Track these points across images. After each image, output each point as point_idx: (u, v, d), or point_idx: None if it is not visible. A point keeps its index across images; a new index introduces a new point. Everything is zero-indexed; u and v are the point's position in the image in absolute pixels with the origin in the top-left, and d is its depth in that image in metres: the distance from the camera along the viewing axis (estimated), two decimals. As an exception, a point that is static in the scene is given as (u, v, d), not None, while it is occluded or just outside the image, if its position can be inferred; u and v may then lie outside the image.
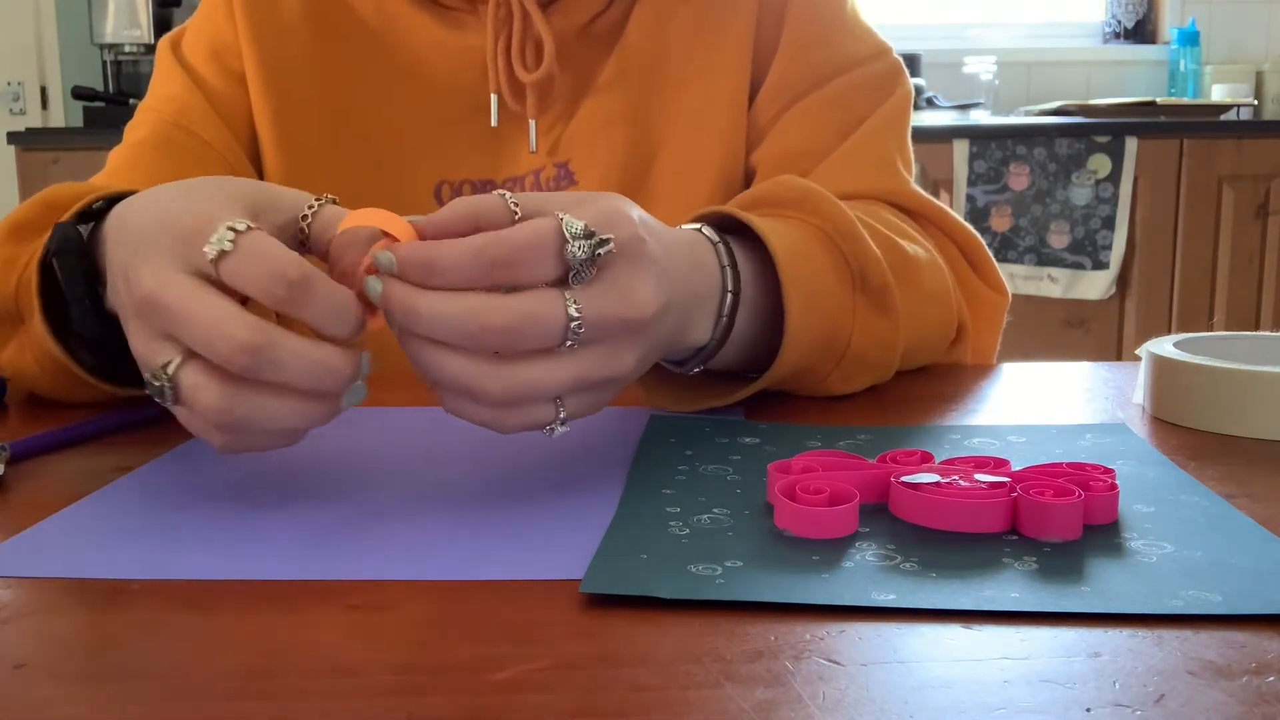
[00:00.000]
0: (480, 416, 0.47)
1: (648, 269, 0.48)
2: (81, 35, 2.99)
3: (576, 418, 0.48)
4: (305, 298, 0.44)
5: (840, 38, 0.82)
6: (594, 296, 0.46)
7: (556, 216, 0.46)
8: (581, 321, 0.45)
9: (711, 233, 0.59)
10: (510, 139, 0.83)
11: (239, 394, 0.44)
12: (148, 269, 0.45)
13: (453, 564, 0.41)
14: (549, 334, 0.45)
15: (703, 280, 0.56)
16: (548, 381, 0.46)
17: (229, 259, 0.44)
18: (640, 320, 0.48)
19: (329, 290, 0.45)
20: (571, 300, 0.45)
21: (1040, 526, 0.42)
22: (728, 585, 0.38)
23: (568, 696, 0.31)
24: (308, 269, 0.44)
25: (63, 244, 0.58)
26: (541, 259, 0.45)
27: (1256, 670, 0.32)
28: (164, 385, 0.45)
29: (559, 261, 0.45)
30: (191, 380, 0.44)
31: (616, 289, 0.47)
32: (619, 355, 0.48)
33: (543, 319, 0.45)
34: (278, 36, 0.83)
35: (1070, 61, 3.22)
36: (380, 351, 0.83)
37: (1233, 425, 0.57)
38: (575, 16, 0.81)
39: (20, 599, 0.39)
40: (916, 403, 0.65)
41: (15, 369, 0.64)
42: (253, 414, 0.45)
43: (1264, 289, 2.71)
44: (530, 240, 0.45)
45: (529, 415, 0.47)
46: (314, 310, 0.44)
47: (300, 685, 0.32)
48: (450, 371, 0.45)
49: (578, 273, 0.46)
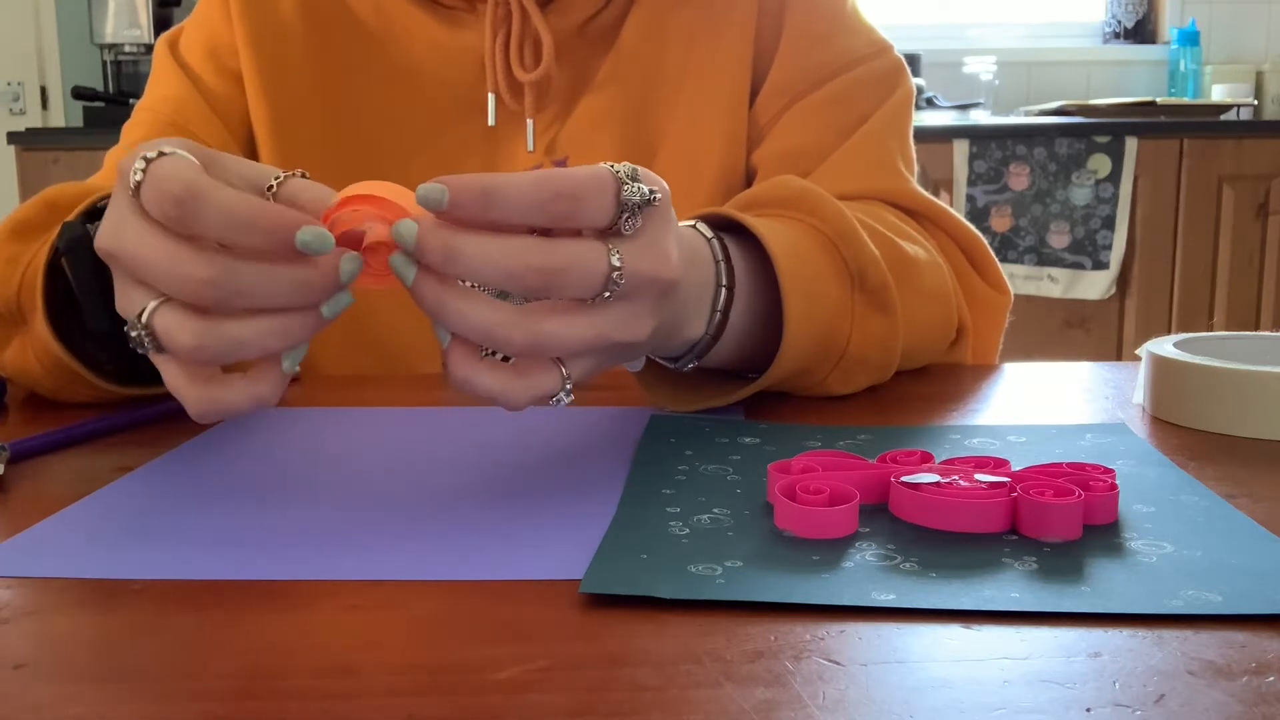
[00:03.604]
0: (490, 386, 0.45)
1: (674, 227, 0.49)
2: (81, 35, 2.99)
3: (580, 384, 0.47)
4: (198, 212, 0.42)
5: (841, 36, 0.82)
6: (634, 250, 0.46)
7: (604, 164, 0.45)
8: (622, 272, 0.45)
9: (706, 229, 0.59)
10: (507, 138, 0.83)
11: (212, 329, 0.43)
12: (106, 224, 0.45)
13: (453, 564, 0.41)
14: (591, 282, 0.44)
15: (698, 272, 0.56)
16: (570, 336, 0.45)
17: (142, 189, 0.43)
18: (671, 281, 0.47)
19: (224, 200, 0.42)
20: (614, 250, 0.45)
21: (1040, 526, 0.42)
22: (728, 585, 0.38)
23: (568, 696, 0.31)
24: (195, 182, 0.42)
25: (71, 243, 0.58)
26: (601, 196, 0.44)
27: (1256, 670, 0.32)
28: (141, 334, 0.44)
29: (615, 203, 0.45)
30: (164, 323, 0.43)
31: (654, 245, 0.47)
32: (642, 317, 0.47)
33: (587, 265, 0.44)
34: (275, 36, 0.83)
35: (1070, 61, 3.22)
36: (381, 352, 0.84)
37: (1232, 425, 0.57)
38: (573, 15, 0.81)
39: (20, 599, 0.39)
40: (916, 403, 0.65)
41: (17, 368, 0.64)
42: (229, 349, 0.43)
43: (1264, 289, 2.71)
44: (591, 177, 0.44)
45: (538, 385, 0.46)
46: (211, 224, 0.42)
47: (300, 685, 0.32)
48: (474, 320, 0.44)
49: (631, 217, 0.45)
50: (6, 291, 0.62)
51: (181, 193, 0.42)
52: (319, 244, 0.42)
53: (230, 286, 0.42)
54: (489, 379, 0.45)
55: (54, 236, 0.61)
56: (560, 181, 0.44)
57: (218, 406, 0.45)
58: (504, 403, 0.46)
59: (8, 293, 0.62)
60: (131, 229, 0.43)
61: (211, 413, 0.45)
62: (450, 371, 0.46)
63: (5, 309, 0.63)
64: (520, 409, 0.46)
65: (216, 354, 0.43)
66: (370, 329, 0.82)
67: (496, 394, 0.45)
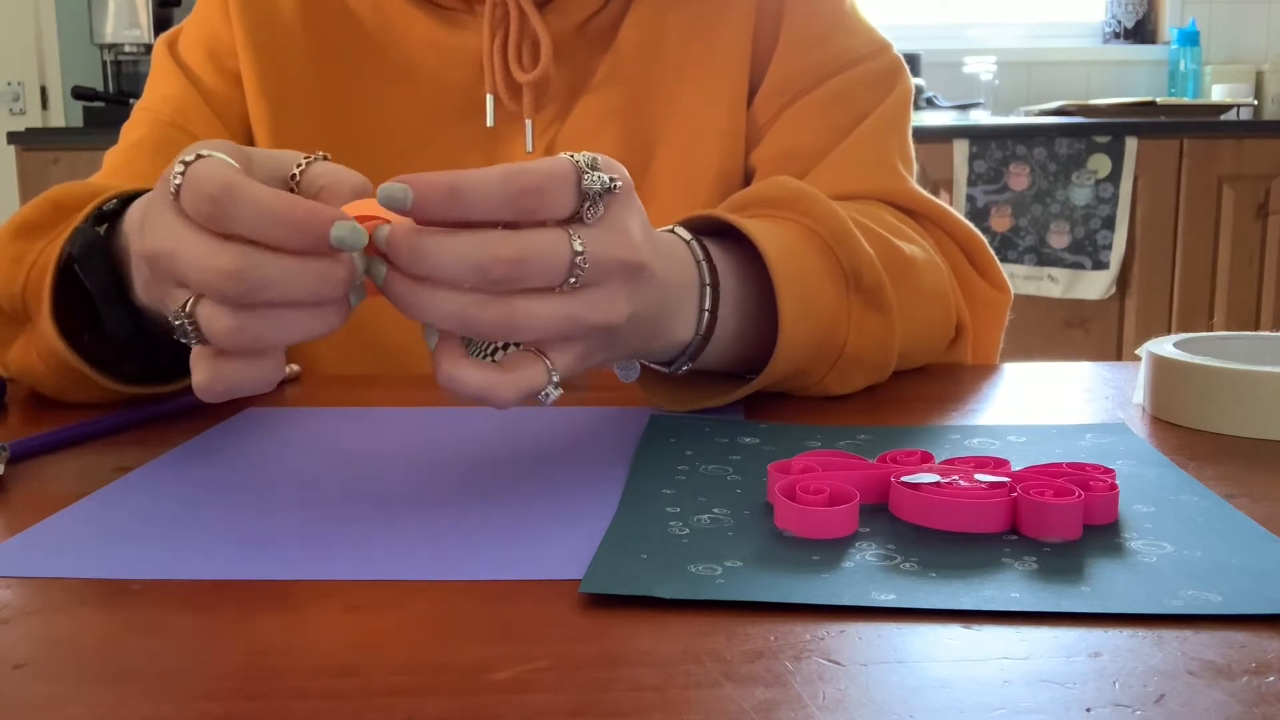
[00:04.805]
0: (477, 383, 0.46)
1: (639, 214, 0.50)
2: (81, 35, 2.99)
3: (567, 376, 0.48)
4: (232, 209, 0.42)
5: (839, 35, 0.82)
6: (596, 235, 0.47)
7: (564, 154, 0.47)
8: (585, 256, 0.46)
9: (684, 232, 0.59)
10: (506, 138, 0.83)
11: (246, 316, 0.44)
12: (147, 228, 0.46)
13: (453, 564, 0.41)
14: (555, 269, 0.45)
15: (679, 271, 0.56)
16: (542, 314, 0.46)
17: (182, 191, 0.44)
18: (637, 262, 0.49)
19: (259, 197, 0.43)
20: (576, 237, 0.46)
21: (1040, 526, 0.42)
22: (728, 585, 0.38)
23: (568, 696, 0.31)
24: (230, 180, 0.43)
25: (85, 248, 0.58)
26: (563, 188, 0.46)
27: (1256, 670, 0.32)
28: (184, 324, 0.44)
29: (577, 193, 0.46)
30: (205, 312, 0.44)
31: (616, 230, 0.48)
32: (614, 299, 0.48)
33: (550, 253, 0.45)
34: (274, 36, 0.83)
35: (1070, 61, 3.22)
36: (381, 352, 0.84)
37: (1233, 425, 0.57)
38: (571, 16, 0.81)
39: (20, 599, 0.39)
40: (916, 403, 0.65)
41: (21, 368, 0.64)
42: (264, 330, 0.44)
43: (1264, 289, 2.71)
44: (552, 170, 0.46)
45: (523, 379, 0.47)
46: (246, 222, 0.43)
47: (300, 685, 0.32)
48: (445, 306, 0.45)
49: (592, 205, 0.47)
50: (11, 291, 0.62)
51: (217, 190, 0.43)
52: (354, 239, 0.43)
53: (254, 279, 0.43)
54: (475, 376, 0.46)
55: (61, 237, 0.61)
56: (524, 177, 0.45)
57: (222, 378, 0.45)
58: (492, 400, 0.46)
59: (12, 292, 0.62)
60: (170, 230, 0.44)
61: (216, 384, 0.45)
62: (438, 371, 0.46)
63: (10, 308, 0.63)
64: (508, 406, 0.47)
65: (252, 340, 0.44)
66: (370, 329, 0.82)
67: (483, 390, 0.46)
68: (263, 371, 0.46)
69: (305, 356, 0.85)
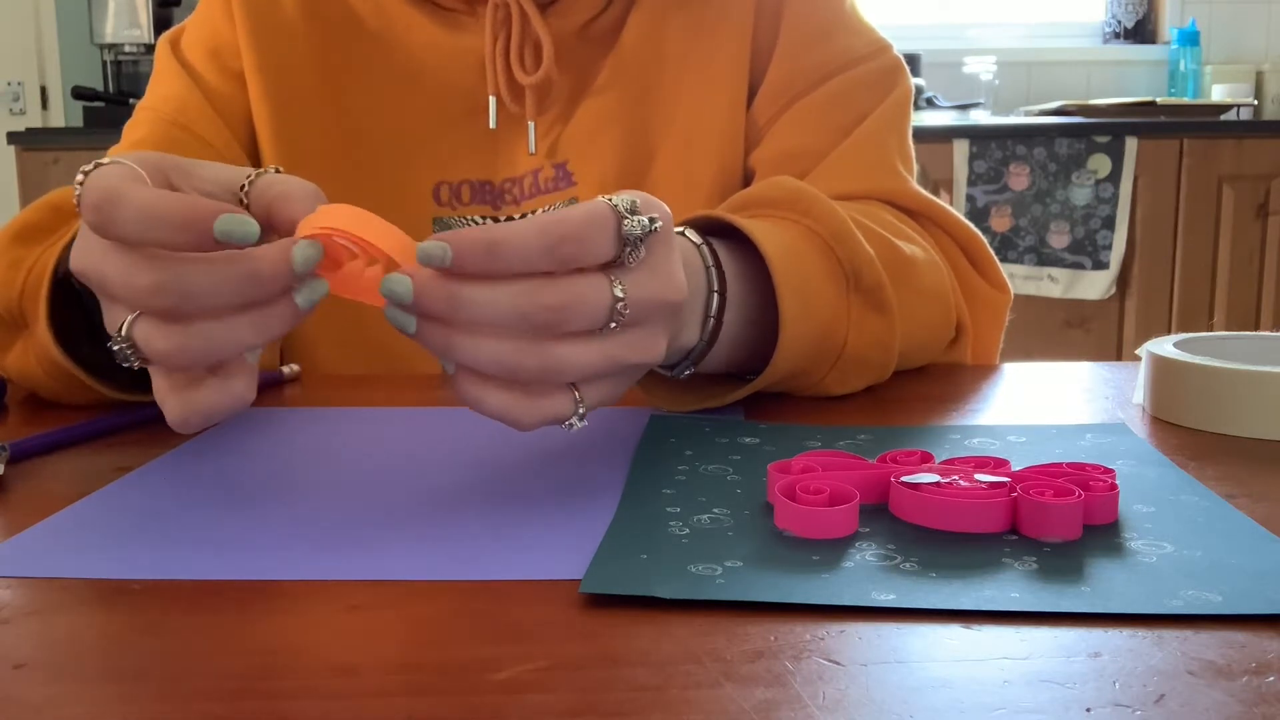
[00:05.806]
0: (500, 407, 0.46)
1: (677, 252, 0.50)
2: (81, 35, 2.99)
3: (594, 408, 0.48)
4: (114, 215, 0.41)
5: (839, 35, 0.82)
6: (638, 279, 0.47)
7: (603, 198, 0.46)
8: (626, 302, 0.46)
9: (694, 235, 0.59)
10: (508, 140, 0.83)
11: (185, 332, 0.43)
12: (75, 246, 0.45)
13: (453, 564, 0.41)
14: (596, 315, 0.45)
15: (691, 280, 0.56)
16: (581, 361, 0.45)
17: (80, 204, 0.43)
18: (678, 303, 0.49)
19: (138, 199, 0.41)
20: (616, 282, 0.46)
21: (1040, 526, 0.42)
22: (728, 585, 0.38)
23: (568, 696, 0.31)
24: (113, 187, 0.42)
25: None
26: (602, 235, 0.45)
27: (1256, 670, 0.32)
28: (123, 347, 0.44)
29: (617, 239, 0.46)
30: (142, 331, 0.43)
31: (657, 272, 0.47)
32: (654, 338, 0.48)
33: (591, 300, 0.45)
34: (276, 36, 0.83)
35: (1070, 61, 3.22)
36: (381, 352, 0.84)
37: (1232, 425, 0.57)
38: (573, 18, 0.81)
39: (20, 599, 0.39)
40: (916, 403, 0.65)
41: (19, 371, 0.64)
42: (206, 346, 0.43)
43: (1264, 289, 2.71)
44: (591, 217, 0.45)
45: (549, 408, 0.46)
46: (130, 226, 0.42)
47: (300, 685, 0.32)
48: (487, 353, 0.44)
49: (633, 250, 0.46)
50: (9, 295, 0.62)
51: (99, 199, 0.42)
52: (241, 230, 0.42)
53: (177, 289, 0.42)
54: (497, 399, 0.46)
55: (60, 243, 0.61)
56: (562, 226, 0.44)
57: (196, 409, 0.45)
58: (512, 423, 0.46)
59: (10, 297, 0.62)
60: (93, 247, 0.44)
61: (192, 417, 0.45)
62: (459, 392, 0.46)
63: (8, 313, 0.63)
64: (528, 430, 0.47)
65: (196, 355, 0.43)
66: (370, 329, 0.82)
67: (504, 414, 0.46)
68: (234, 391, 0.45)
69: (305, 356, 0.85)
